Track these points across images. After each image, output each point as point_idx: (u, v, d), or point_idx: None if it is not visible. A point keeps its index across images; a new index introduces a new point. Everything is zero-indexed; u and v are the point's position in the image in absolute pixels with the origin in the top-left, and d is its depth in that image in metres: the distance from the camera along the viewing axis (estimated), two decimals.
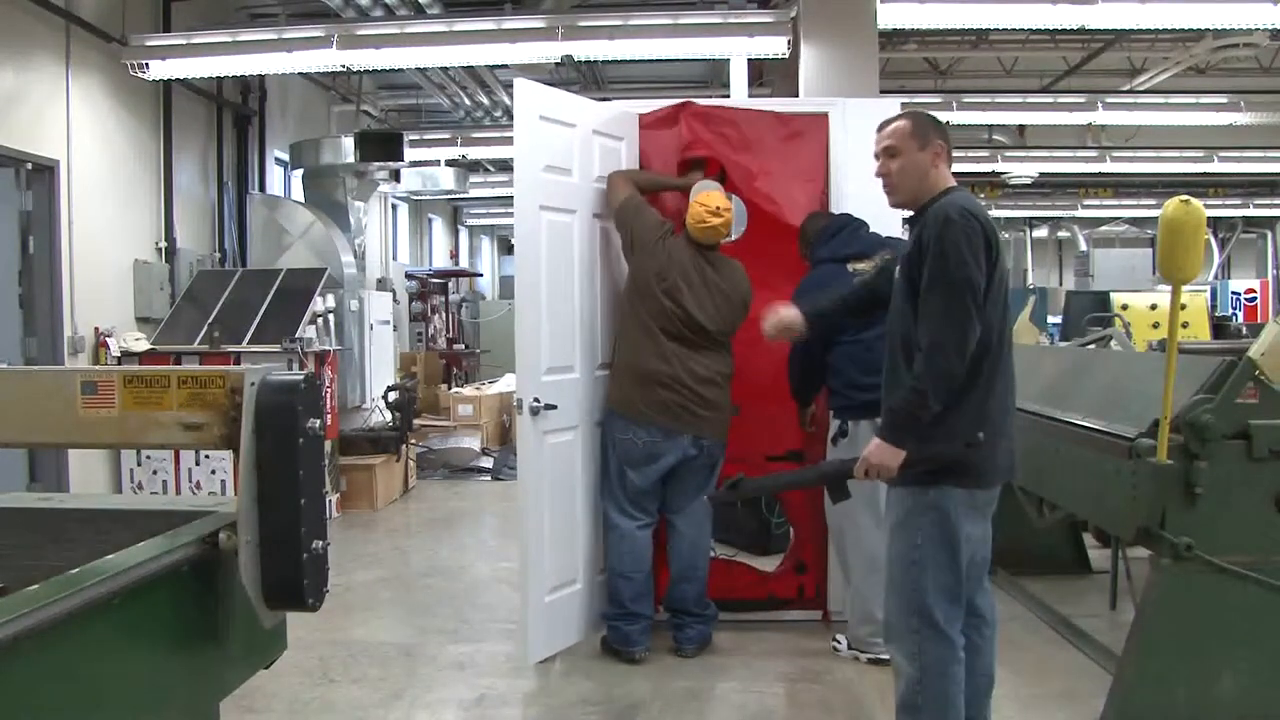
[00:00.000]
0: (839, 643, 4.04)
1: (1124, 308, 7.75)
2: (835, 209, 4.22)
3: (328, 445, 6.56)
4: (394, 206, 13.02)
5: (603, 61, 8.15)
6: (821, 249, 4.01)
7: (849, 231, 3.97)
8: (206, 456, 6.30)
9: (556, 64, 7.62)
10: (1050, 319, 10.26)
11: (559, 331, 3.93)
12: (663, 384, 3.86)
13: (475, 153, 10.66)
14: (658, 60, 7.56)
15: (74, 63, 6.19)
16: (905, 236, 3.19)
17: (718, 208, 3.92)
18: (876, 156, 2.77)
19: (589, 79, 9.91)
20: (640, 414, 3.89)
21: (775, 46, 6.44)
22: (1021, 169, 12.06)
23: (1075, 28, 6.83)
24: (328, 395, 6.80)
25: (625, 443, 3.95)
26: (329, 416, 6.66)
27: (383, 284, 10.25)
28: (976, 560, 2.72)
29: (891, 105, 4.39)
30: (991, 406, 2.57)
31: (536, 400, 3.79)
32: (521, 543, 3.82)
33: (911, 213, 2.75)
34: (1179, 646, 3.08)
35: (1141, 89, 9.68)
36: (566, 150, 3.97)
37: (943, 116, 8.82)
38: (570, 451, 4.00)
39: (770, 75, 8.56)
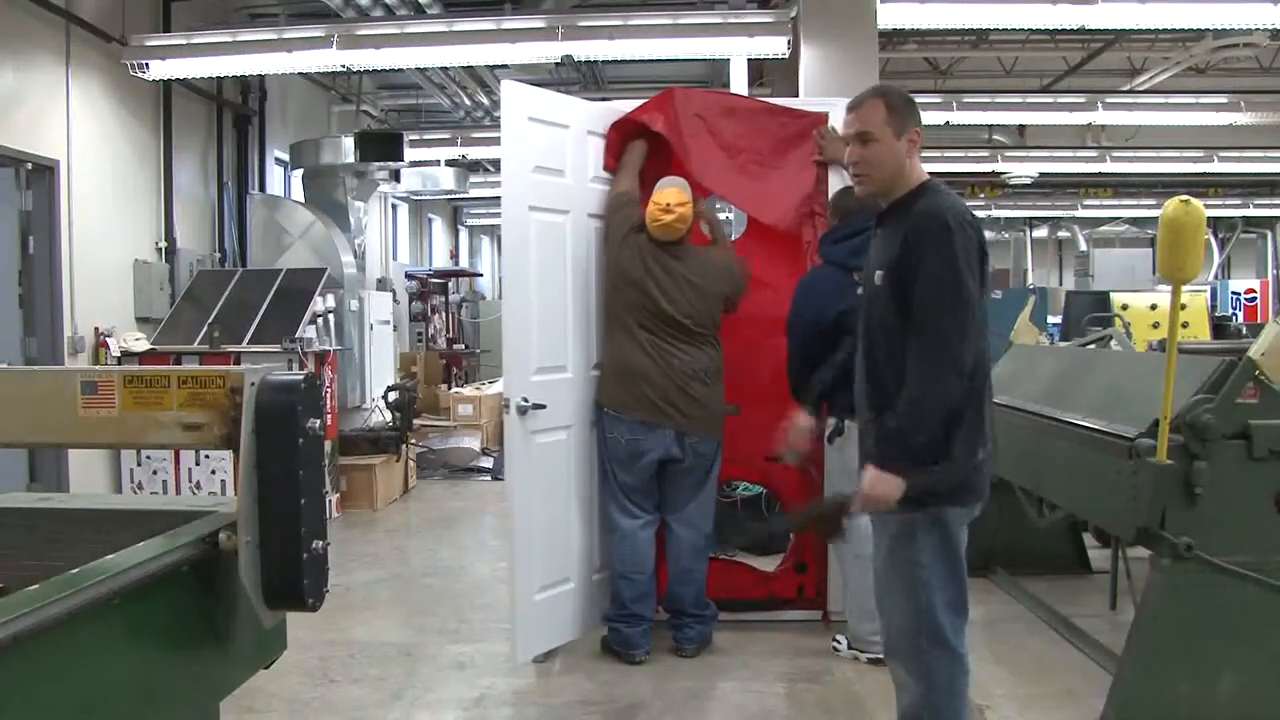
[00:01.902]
0: (839, 643, 4.04)
1: (1124, 308, 7.76)
2: None
3: (328, 445, 6.56)
4: (394, 206, 13.02)
5: (602, 61, 8.15)
6: (832, 248, 3.93)
7: (863, 239, 3.81)
8: (206, 456, 6.30)
9: (556, 64, 7.62)
10: (1050, 319, 10.26)
11: (550, 331, 3.94)
12: (643, 378, 3.87)
13: (475, 153, 10.66)
14: (658, 60, 7.55)
15: (74, 63, 6.19)
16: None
17: (669, 204, 3.90)
18: (846, 141, 2.54)
19: (589, 79, 9.90)
20: (624, 407, 3.91)
21: (775, 46, 6.44)
22: (1021, 169, 12.05)
23: (1075, 28, 6.82)
24: (328, 395, 6.79)
25: (611, 441, 3.97)
26: (329, 416, 6.66)
27: (383, 284, 10.25)
28: None
29: None
30: (986, 422, 2.47)
31: (524, 400, 3.79)
32: (510, 542, 3.83)
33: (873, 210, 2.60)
34: (1179, 646, 3.08)
35: (1141, 89, 9.68)
36: (558, 151, 3.97)
37: (943, 116, 8.97)
38: (561, 451, 4.00)
39: (770, 75, 8.55)
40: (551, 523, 3.96)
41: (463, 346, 13.92)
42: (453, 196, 14.14)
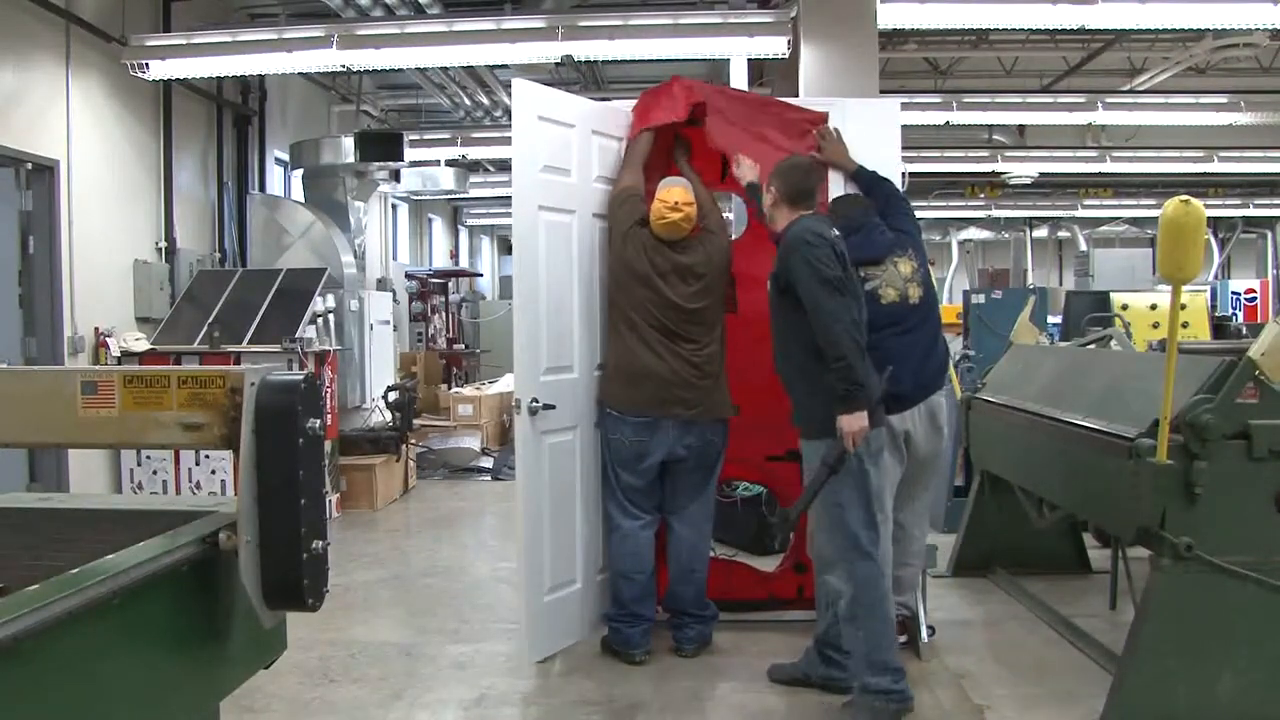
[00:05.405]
0: None
1: (1124, 308, 7.73)
2: None
3: (328, 445, 6.56)
4: (394, 206, 13.01)
5: (603, 61, 8.15)
6: None
7: (864, 234, 3.78)
8: (206, 456, 6.30)
9: (556, 64, 7.63)
10: (1050, 319, 10.23)
11: (558, 332, 3.94)
12: (648, 376, 3.86)
13: (475, 153, 10.66)
14: (658, 60, 7.55)
15: (74, 63, 6.19)
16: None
17: (676, 202, 3.90)
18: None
19: (589, 79, 9.90)
20: (627, 407, 3.91)
21: (775, 46, 6.44)
22: (1021, 169, 12.05)
23: (1075, 28, 6.82)
24: (328, 395, 6.79)
25: (615, 443, 3.96)
26: (329, 416, 6.66)
27: (383, 284, 10.25)
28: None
29: (891, 105, 4.40)
30: (868, 366, 3.25)
31: (535, 400, 3.79)
32: (520, 543, 3.82)
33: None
34: (1179, 646, 3.07)
35: (1141, 89, 9.68)
36: (565, 150, 3.97)
37: (943, 116, 8.98)
38: (569, 451, 4.00)
39: (770, 75, 8.55)
40: (560, 523, 3.96)
41: (463, 346, 13.92)
42: (453, 196, 14.14)
